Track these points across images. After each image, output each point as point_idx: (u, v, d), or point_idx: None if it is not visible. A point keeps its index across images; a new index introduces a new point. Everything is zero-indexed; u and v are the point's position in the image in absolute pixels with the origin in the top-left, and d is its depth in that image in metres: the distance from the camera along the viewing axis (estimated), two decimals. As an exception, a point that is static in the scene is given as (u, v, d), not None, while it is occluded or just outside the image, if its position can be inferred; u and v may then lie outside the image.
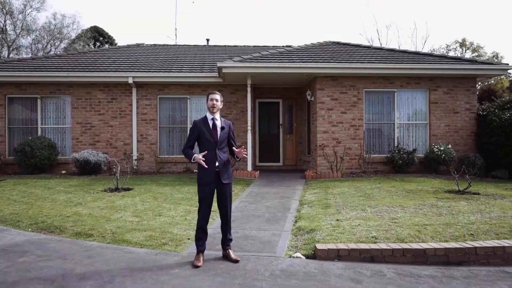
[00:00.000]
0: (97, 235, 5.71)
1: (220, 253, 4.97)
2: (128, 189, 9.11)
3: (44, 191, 8.89)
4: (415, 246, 4.96)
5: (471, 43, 29.84)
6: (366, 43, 23.29)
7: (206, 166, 4.60)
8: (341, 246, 4.98)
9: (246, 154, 4.70)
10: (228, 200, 4.80)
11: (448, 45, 30.07)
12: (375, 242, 5.17)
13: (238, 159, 4.84)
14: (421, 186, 9.16)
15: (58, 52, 25.91)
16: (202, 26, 56.79)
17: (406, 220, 6.08)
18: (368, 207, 6.98)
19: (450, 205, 7.00)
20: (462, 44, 29.54)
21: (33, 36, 27.08)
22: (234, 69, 11.11)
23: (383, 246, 4.97)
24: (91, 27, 33.14)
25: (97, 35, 33.52)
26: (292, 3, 58.74)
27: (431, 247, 4.92)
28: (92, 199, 8.03)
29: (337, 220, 6.18)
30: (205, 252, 4.84)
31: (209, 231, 5.28)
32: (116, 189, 8.92)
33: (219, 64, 10.97)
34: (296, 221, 6.41)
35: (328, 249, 4.88)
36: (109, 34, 34.11)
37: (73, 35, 29.84)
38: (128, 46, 16.75)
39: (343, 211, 6.73)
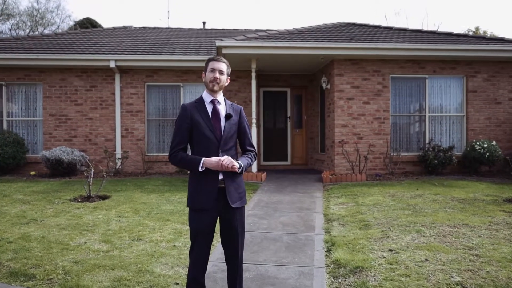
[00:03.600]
0: (41, 277, 3.84)
1: (225, 313, 3.13)
2: (105, 198, 7.24)
3: (-4, 200, 7.00)
4: (534, 304, 3.14)
5: (485, 32, 28.01)
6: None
7: (236, 168, 2.76)
8: (417, 304, 3.15)
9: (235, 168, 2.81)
10: (239, 235, 2.94)
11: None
12: (464, 295, 3.34)
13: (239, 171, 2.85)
14: (471, 193, 7.35)
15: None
16: (198, 9, 54.50)
17: (489, 250, 4.24)
18: (423, 226, 5.15)
19: (534, 224, 5.18)
20: (475, 33, 27.68)
21: (14, 21, 24.90)
22: (236, 50, 9.21)
23: (483, 304, 3.14)
24: (84, 18, 31.18)
25: (90, 26, 31.46)
26: (291, -8, 56.55)
27: (562, 307, 3.09)
28: (53, 212, 6.15)
29: (390, 250, 4.34)
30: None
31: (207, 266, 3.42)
32: (89, 198, 7.05)
33: (218, 43, 9.05)
34: (329, 250, 4.57)
35: (399, 310, 3.04)
36: (103, 26, 32.06)
37: (58, 20, 27.69)
38: (114, 29, 14.78)
39: (391, 234, 4.89)
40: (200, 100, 2.96)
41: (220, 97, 2.98)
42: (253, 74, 9.94)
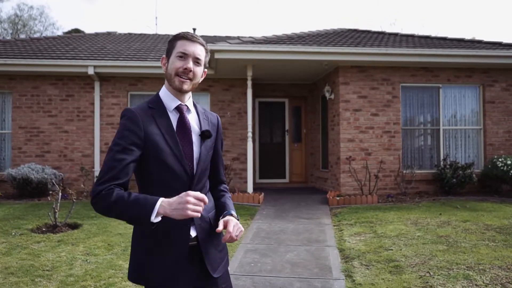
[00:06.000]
0: None
1: None
2: (74, 226, 6.08)
3: None
4: None
5: (481, 43, 27.50)
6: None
7: (200, 214, 1.50)
8: None
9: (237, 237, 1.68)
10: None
11: (456, 45, 27.70)
12: None
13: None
14: (503, 218, 6.34)
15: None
16: (188, 16, 53.65)
17: None
18: (469, 269, 4.09)
19: None
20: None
21: (-7, 29, 23.65)
22: (230, 54, 8.18)
23: None
24: (72, 29, 30.23)
25: None
26: None
27: None
28: (5, 248, 4.96)
29: (442, 309, 3.27)
30: None
31: None
32: (55, 227, 5.87)
33: (210, 47, 8.00)
34: (357, 306, 3.47)
35: None
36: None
37: (41, 28, 26.50)
38: (97, 34, 13.68)
39: (434, 282, 3.82)
40: (158, 105, 1.73)
41: (189, 101, 1.80)
42: (249, 83, 8.90)
